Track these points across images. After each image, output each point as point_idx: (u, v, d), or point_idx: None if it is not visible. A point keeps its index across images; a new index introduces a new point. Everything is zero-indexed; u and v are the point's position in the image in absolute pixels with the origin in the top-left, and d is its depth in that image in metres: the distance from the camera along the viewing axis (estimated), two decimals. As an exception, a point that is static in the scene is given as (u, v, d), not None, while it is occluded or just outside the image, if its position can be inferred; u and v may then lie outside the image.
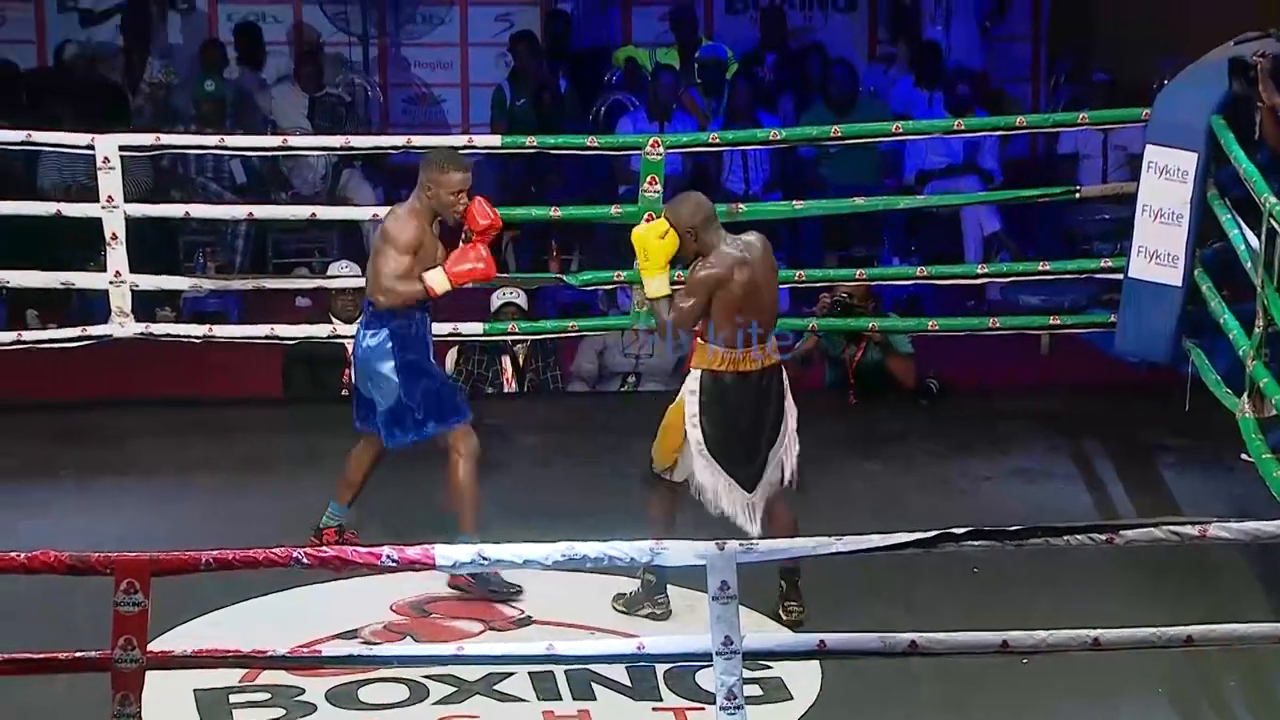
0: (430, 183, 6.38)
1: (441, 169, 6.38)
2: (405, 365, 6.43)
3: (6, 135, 8.35)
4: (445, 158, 6.49)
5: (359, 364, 6.52)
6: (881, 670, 5.53)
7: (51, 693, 5.46)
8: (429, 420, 6.47)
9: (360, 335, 6.51)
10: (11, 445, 7.95)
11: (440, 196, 6.36)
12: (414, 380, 6.44)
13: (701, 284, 6.06)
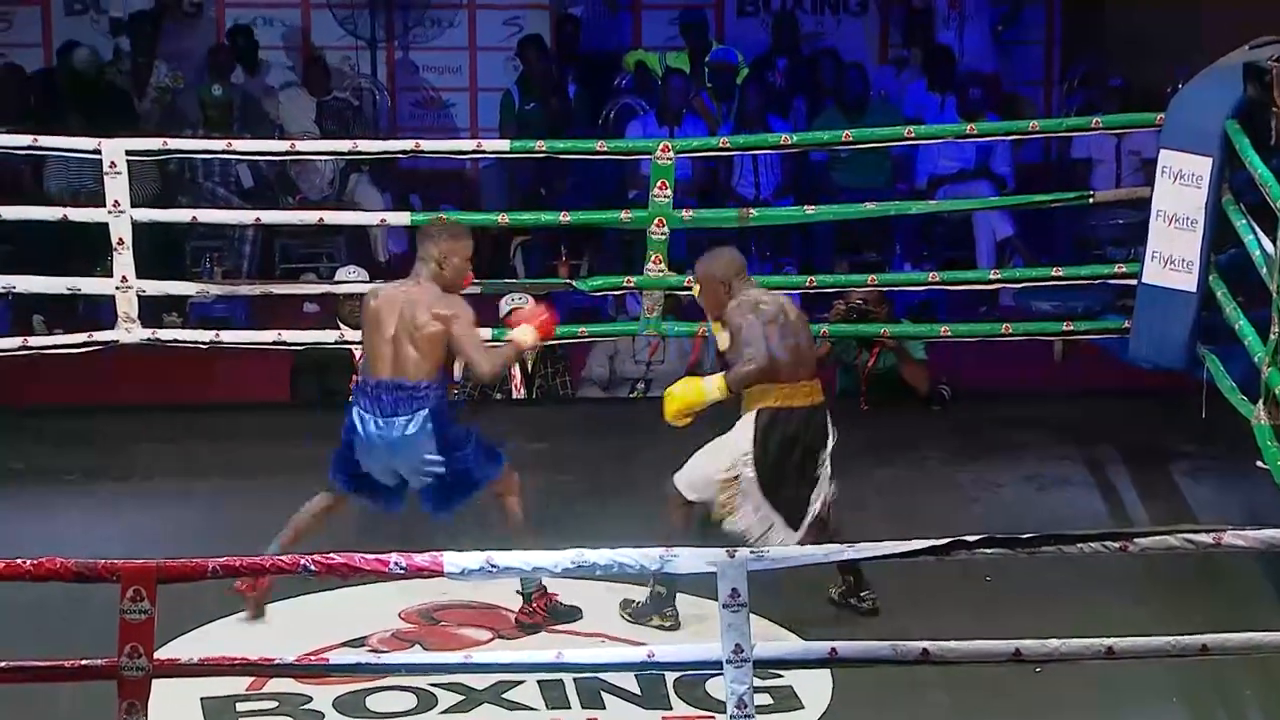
0: (449, 253, 6.23)
1: (456, 238, 6.27)
2: (451, 439, 6.20)
3: (13, 140, 8.34)
4: (454, 226, 6.40)
5: (385, 453, 6.18)
6: (893, 679, 5.49)
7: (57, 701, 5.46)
8: (485, 476, 6.28)
9: (378, 422, 6.16)
10: (18, 451, 7.95)
11: (457, 265, 6.23)
12: (460, 447, 6.22)
13: (754, 329, 6.18)
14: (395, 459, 6.19)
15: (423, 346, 6.14)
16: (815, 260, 10.76)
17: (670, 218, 8.20)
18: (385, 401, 6.15)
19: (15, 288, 8.35)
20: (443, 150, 8.96)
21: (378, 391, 6.16)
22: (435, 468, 6.18)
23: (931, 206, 10.14)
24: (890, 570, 5.89)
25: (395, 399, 6.14)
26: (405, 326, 6.15)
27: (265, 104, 11.88)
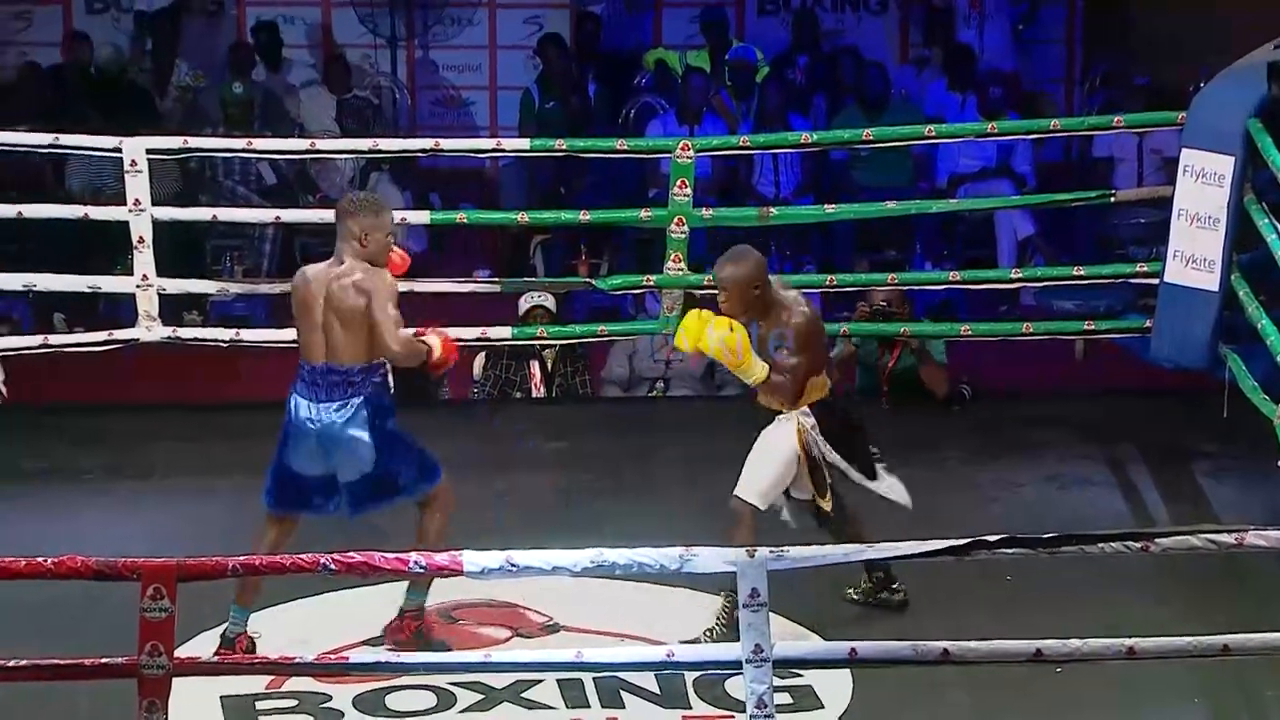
0: (370, 229, 5.97)
1: (376, 213, 6.01)
2: (382, 432, 5.97)
3: (34, 138, 8.36)
4: (374, 201, 6.14)
5: (315, 438, 5.96)
6: (914, 679, 5.49)
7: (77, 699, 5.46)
8: (418, 483, 6.06)
9: (317, 411, 5.97)
10: (39, 449, 7.99)
11: (380, 240, 5.97)
12: (395, 445, 6.01)
13: (808, 336, 6.18)
14: (326, 446, 5.98)
15: (351, 326, 5.95)
16: (835, 259, 10.75)
17: (690, 216, 8.21)
18: (320, 387, 5.99)
19: (36, 286, 8.39)
20: (462, 149, 9.00)
21: (313, 377, 6.00)
22: (360, 460, 5.95)
23: (952, 205, 10.15)
24: (911, 570, 5.88)
25: (330, 384, 5.98)
26: (332, 307, 5.97)
27: (286, 102, 11.91)
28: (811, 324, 6.20)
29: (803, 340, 6.15)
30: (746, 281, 6.19)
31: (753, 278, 6.19)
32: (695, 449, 8.15)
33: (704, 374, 9.12)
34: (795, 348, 6.15)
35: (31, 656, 5.01)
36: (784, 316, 6.17)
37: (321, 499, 6.06)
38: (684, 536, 5.18)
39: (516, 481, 7.79)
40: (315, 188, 11.39)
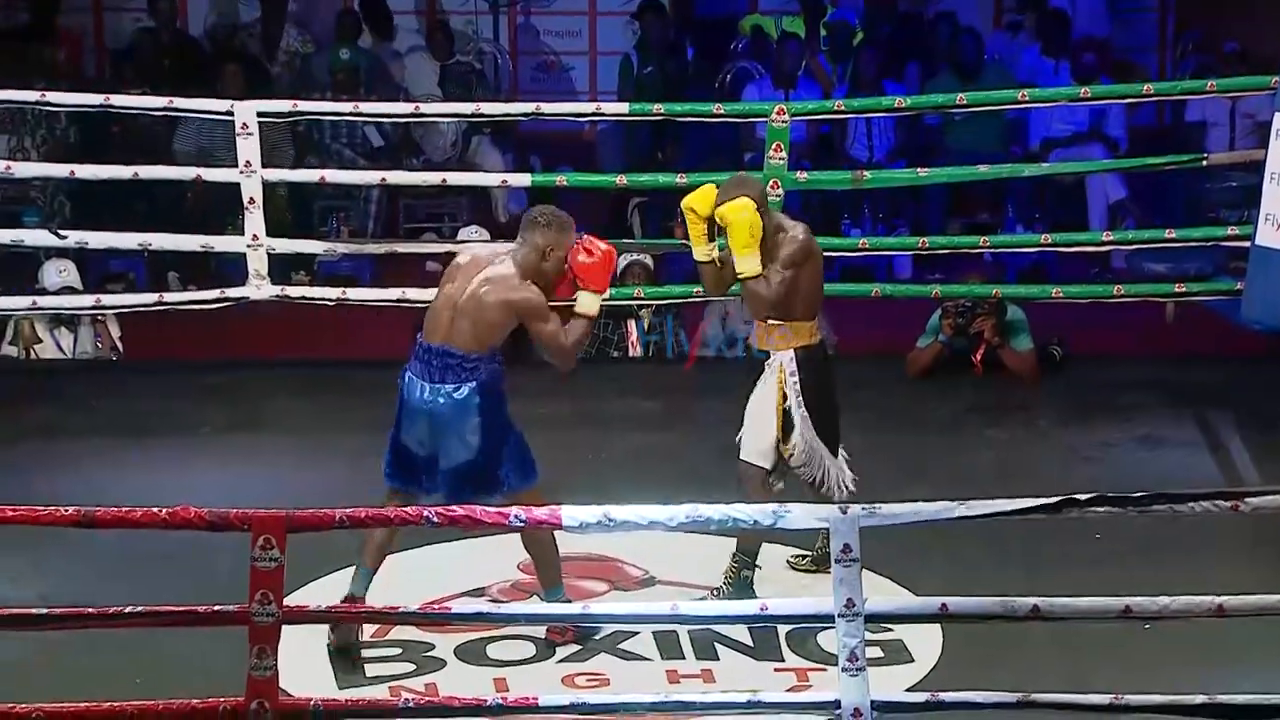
0: (554, 246, 5.91)
1: (564, 231, 5.93)
2: (494, 423, 5.92)
3: (149, 101, 8.54)
4: (565, 221, 5.97)
5: (427, 417, 5.90)
6: (1003, 634, 5.53)
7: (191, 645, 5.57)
8: (510, 478, 5.96)
9: (431, 390, 5.90)
10: (154, 404, 8.12)
11: (560, 259, 5.92)
12: (500, 439, 5.93)
13: (798, 255, 6.17)
14: (435, 428, 5.92)
15: (480, 325, 5.88)
16: (928, 222, 10.78)
17: (785, 180, 8.27)
18: (435, 367, 5.92)
19: (151, 245, 8.56)
20: (563, 113, 9.06)
21: (428, 356, 5.93)
22: (466, 446, 5.89)
23: (1045, 169, 10.11)
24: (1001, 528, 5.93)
25: (445, 365, 5.90)
26: (473, 299, 5.89)
27: (391, 68, 12.05)
28: (805, 249, 6.18)
29: (790, 258, 6.15)
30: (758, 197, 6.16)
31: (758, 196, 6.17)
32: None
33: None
34: (783, 264, 6.16)
35: (148, 604, 5.12)
36: (780, 238, 6.18)
37: (428, 480, 5.98)
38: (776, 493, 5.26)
39: (613, 439, 7.88)
40: (419, 151, 11.54)
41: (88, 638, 5.39)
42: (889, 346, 8.98)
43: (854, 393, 8.36)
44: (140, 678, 5.56)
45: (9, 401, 8.14)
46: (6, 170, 8.85)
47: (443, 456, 5.93)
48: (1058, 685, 5.19)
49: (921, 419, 8.16)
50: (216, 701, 5.02)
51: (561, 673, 5.87)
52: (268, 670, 4.97)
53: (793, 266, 6.16)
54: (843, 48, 11.75)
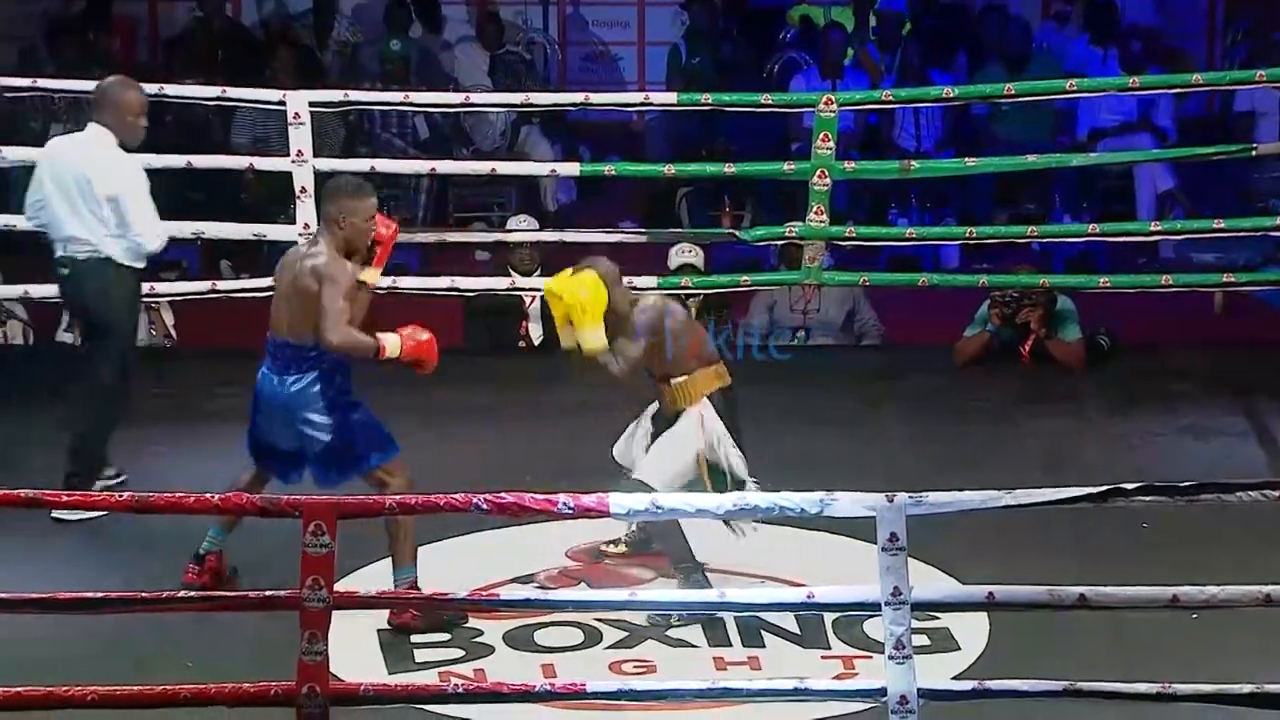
0: (344, 213, 6.01)
1: (354, 196, 6.05)
2: (338, 405, 6.07)
3: (202, 91, 8.61)
4: (355, 185, 6.14)
5: (277, 410, 6.07)
6: (1050, 623, 5.55)
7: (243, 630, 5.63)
8: (370, 454, 6.10)
9: (276, 383, 6.08)
10: (207, 391, 8.17)
11: (357, 225, 6.01)
12: (347, 417, 6.08)
13: (651, 324, 6.22)
14: (283, 417, 6.07)
15: (305, 306, 5.99)
16: (975, 212, 10.78)
17: (833, 169, 8.29)
18: (279, 359, 6.08)
19: (204, 233, 8.62)
20: (611, 103, 9.10)
21: (273, 349, 6.11)
22: (318, 432, 6.04)
23: (1092, 159, 10.11)
24: (1047, 517, 5.94)
25: (287, 357, 6.06)
26: (293, 285, 6.03)
27: (441, 58, 12.10)
28: (658, 315, 6.22)
29: (646, 327, 6.20)
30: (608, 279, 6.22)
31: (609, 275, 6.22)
32: (834, 397, 8.26)
33: (843, 324, 9.21)
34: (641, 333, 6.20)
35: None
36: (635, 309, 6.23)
37: (291, 468, 6.16)
38: (823, 482, 5.26)
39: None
40: (468, 141, 11.59)
41: (141, 621, 5.48)
42: (936, 336, 8.99)
43: (900, 381, 8.44)
44: (192, 661, 5.61)
45: (65, 388, 8.21)
46: (63, 159, 8.91)
47: (305, 446, 6.07)
48: (1104, 674, 5.18)
49: (968, 408, 8.17)
50: (268, 686, 5.06)
51: (609, 659, 5.89)
52: (318, 655, 5.00)
53: (646, 334, 6.21)
54: (891, 37, 11.75)
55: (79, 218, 6.96)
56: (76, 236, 6.99)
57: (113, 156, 6.98)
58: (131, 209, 6.93)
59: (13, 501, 5.03)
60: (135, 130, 7.04)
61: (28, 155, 8.80)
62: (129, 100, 7.04)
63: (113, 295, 7.04)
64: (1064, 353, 8.53)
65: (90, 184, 6.93)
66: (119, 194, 6.92)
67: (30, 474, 6.55)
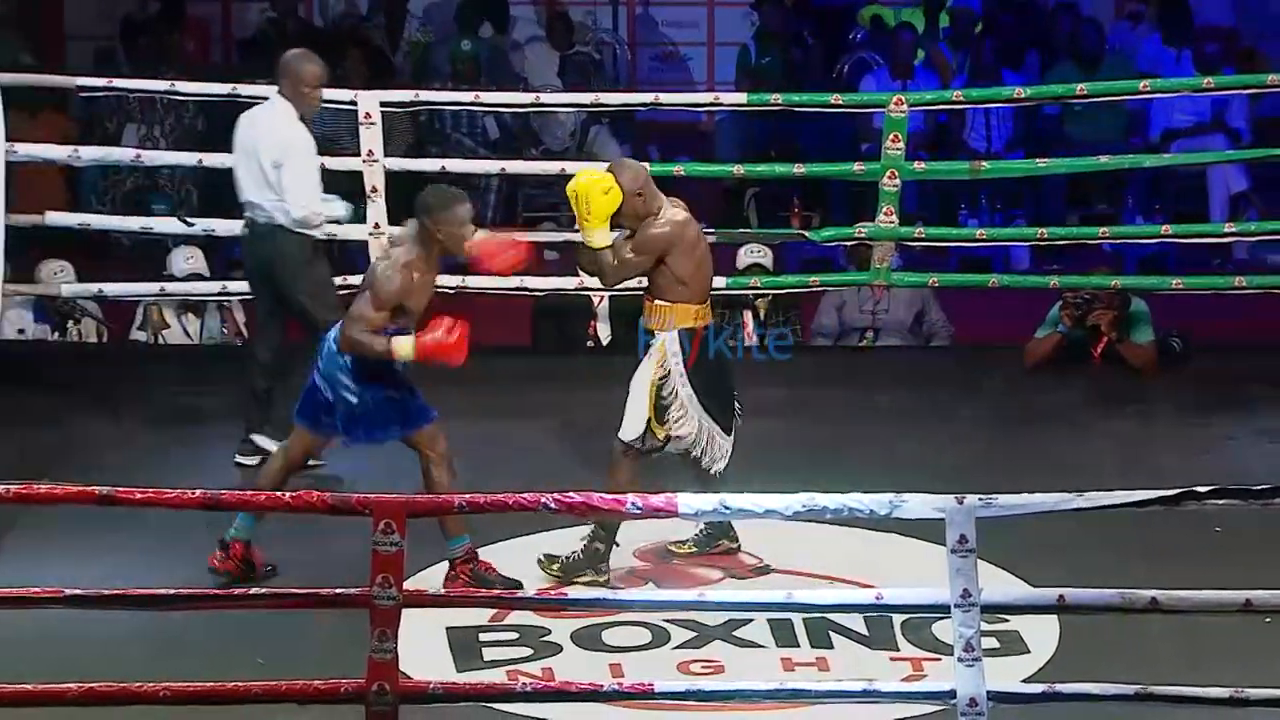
0: (438, 221, 6.20)
1: (445, 207, 6.22)
2: (374, 372, 6.27)
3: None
4: (449, 195, 6.31)
5: (321, 363, 6.34)
6: (1121, 627, 5.52)
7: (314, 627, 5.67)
8: (392, 425, 6.35)
9: (325, 339, 6.37)
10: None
11: (451, 233, 6.21)
12: (377, 391, 6.29)
13: (655, 240, 6.26)
14: (324, 371, 6.31)
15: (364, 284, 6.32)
16: (1046, 212, 10.73)
17: (903, 170, 8.27)
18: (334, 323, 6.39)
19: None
20: (681, 103, 9.10)
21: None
22: (349, 394, 6.27)
23: (1166, 160, 10.05)
24: (1119, 520, 5.90)
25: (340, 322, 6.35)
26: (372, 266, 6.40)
27: (511, 58, 12.14)
28: (666, 236, 6.24)
29: (643, 242, 6.24)
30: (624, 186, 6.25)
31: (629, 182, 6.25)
32: (903, 398, 8.24)
33: (912, 325, 9.19)
34: (634, 247, 6.26)
35: (272, 586, 5.24)
36: (648, 222, 6.27)
37: (327, 419, 6.36)
38: (892, 483, 5.26)
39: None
40: (538, 141, 11.62)
41: (213, 618, 5.51)
42: (1006, 337, 8.96)
43: (972, 383, 8.41)
44: (263, 658, 5.65)
45: (138, 386, 8.29)
46: (137, 159, 9.02)
47: (337, 403, 6.30)
48: (1176, 678, 5.15)
49: (1040, 410, 8.14)
50: (338, 683, 5.09)
51: (677, 659, 5.90)
52: (388, 653, 5.03)
53: (645, 251, 6.26)
54: (963, 37, 11.71)
55: (254, 183, 7.30)
56: (252, 201, 7.34)
57: (282, 125, 7.31)
58: (287, 176, 7.22)
59: (87, 499, 5.08)
60: (310, 101, 7.35)
61: (102, 155, 8.95)
62: (304, 72, 7.33)
63: (279, 260, 7.32)
64: (1136, 355, 8.48)
65: (259, 151, 7.25)
66: (281, 161, 7.22)
67: (104, 471, 6.60)
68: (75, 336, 9.07)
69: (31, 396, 8.16)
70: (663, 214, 6.29)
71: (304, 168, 7.27)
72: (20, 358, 8.63)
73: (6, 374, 8.36)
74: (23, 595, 5.17)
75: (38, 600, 5.15)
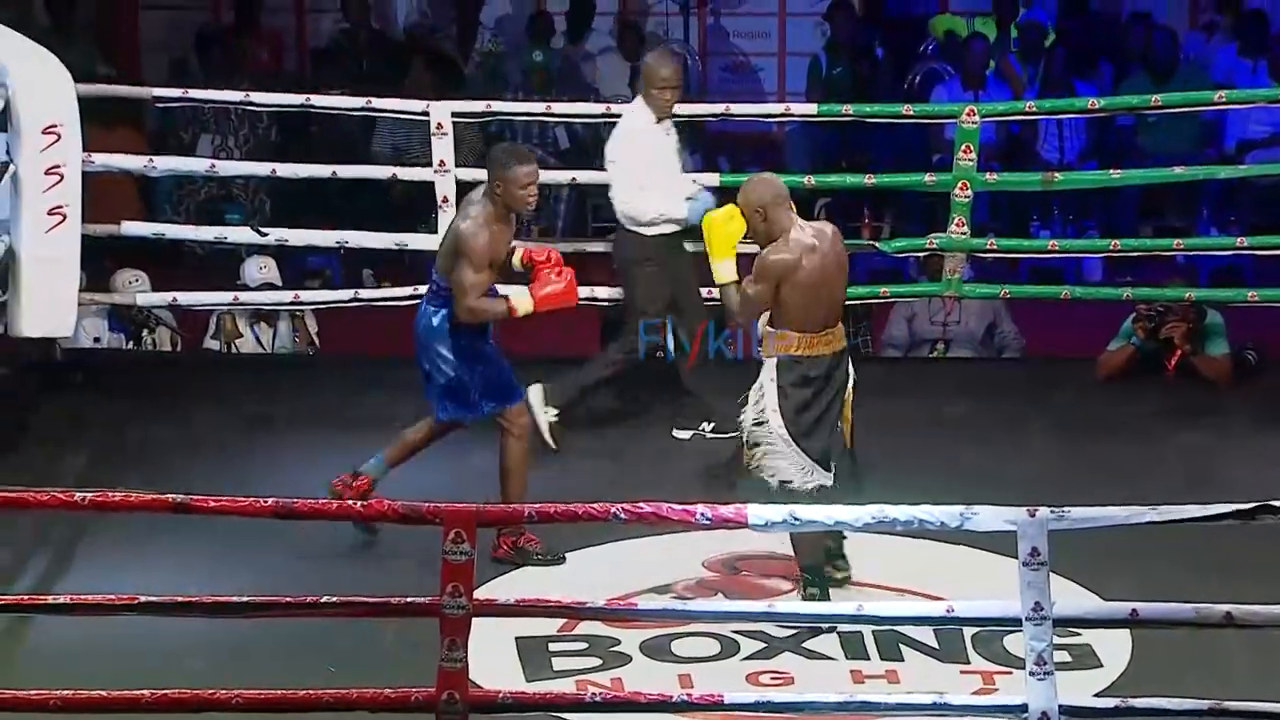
0: (499, 180, 6.39)
1: (506, 165, 6.39)
2: (463, 348, 6.50)
3: (348, 101, 8.72)
4: (509, 154, 6.52)
5: (419, 339, 6.56)
6: (1195, 642, 5.49)
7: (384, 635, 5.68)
8: (484, 401, 6.56)
9: (423, 310, 6.56)
10: (351, 398, 8.23)
11: (512, 192, 6.38)
12: (471, 362, 6.50)
13: (770, 269, 6.12)
14: (422, 344, 6.54)
15: (447, 250, 6.48)
16: (1119, 224, 10.66)
17: (974, 181, 8.24)
18: (431, 290, 6.57)
19: (348, 242, 8.75)
20: (753, 114, 9.10)
21: (430, 282, 6.62)
22: (444, 366, 6.50)
23: (1241, 171, 9.97)
24: (1193, 533, 5.86)
25: (433, 291, 6.54)
26: (449, 229, 6.55)
27: (583, 69, 12.16)
28: (778, 266, 6.08)
29: (759, 271, 6.13)
30: (746, 203, 6.18)
31: (753, 199, 6.16)
32: (975, 410, 8.20)
33: (983, 336, 9.15)
34: (753, 276, 6.17)
35: (343, 594, 5.23)
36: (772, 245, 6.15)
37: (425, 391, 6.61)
38: (962, 495, 5.23)
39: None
40: (610, 151, 11.62)
41: (285, 626, 5.53)
42: (1078, 349, 8.90)
43: (1044, 395, 8.37)
44: (335, 666, 5.67)
45: (212, 394, 8.34)
46: (211, 169, 9.09)
47: (431, 375, 6.57)
48: (1250, 694, 5.12)
49: (1112, 422, 8.08)
50: (409, 691, 5.11)
51: (746, 670, 5.91)
52: (458, 662, 5.07)
53: (761, 280, 6.14)
54: (1034, 48, 11.66)
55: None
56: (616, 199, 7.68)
57: (624, 125, 7.69)
58: (614, 176, 7.65)
59: (161, 507, 5.11)
60: (659, 102, 7.57)
61: (177, 165, 9.03)
62: (653, 74, 7.58)
63: (621, 257, 7.80)
64: (1210, 368, 8.42)
65: (605, 151, 7.72)
66: (613, 159, 7.66)
67: (177, 479, 6.63)
68: (150, 345, 9.13)
69: (106, 404, 8.22)
70: (786, 238, 6.14)
71: (635, 166, 7.55)
72: (95, 366, 8.69)
73: (82, 382, 8.43)
74: (98, 602, 5.22)
75: (112, 607, 5.19)
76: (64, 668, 5.65)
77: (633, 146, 7.58)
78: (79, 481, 6.82)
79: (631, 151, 7.58)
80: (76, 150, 7.77)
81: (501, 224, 6.44)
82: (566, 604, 5.67)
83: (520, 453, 6.58)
